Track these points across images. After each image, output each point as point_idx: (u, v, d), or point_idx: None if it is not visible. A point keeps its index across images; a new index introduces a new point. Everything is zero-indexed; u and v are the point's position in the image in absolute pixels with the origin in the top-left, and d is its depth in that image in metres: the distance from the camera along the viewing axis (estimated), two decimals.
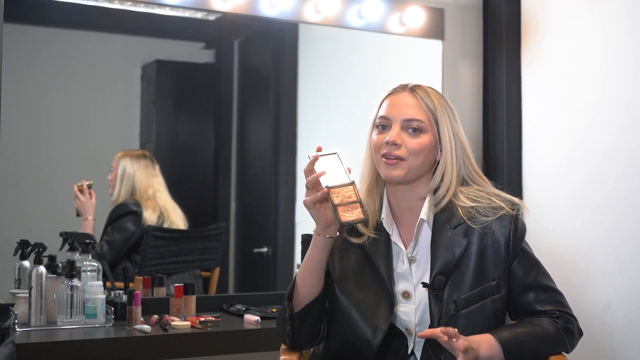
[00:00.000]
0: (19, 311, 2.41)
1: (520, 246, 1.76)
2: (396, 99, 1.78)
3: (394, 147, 1.73)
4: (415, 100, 1.77)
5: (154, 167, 3.05)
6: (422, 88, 1.80)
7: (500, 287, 1.73)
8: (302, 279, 1.75)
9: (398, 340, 1.74)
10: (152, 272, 2.89)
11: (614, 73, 2.86)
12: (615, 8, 2.87)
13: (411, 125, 1.75)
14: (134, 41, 3.28)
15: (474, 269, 1.72)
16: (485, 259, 1.73)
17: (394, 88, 1.82)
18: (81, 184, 2.90)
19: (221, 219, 3.32)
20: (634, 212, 2.76)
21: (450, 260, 1.71)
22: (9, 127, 2.65)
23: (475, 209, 1.75)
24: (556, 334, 1.73)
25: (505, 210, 1.75)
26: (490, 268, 1.73)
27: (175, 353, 2.38)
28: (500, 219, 1.74)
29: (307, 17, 3.04)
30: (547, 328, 1.73)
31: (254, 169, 3.44)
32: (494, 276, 1.73)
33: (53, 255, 2.55)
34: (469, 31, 3.37)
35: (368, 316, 1.73)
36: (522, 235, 1.77)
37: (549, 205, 3.13)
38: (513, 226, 1.74)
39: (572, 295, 2.99)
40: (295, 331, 1.77)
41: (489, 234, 1.73)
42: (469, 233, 1.74)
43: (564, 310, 1.77)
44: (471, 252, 1.72)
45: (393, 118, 1.76)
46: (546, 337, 1.73)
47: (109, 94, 3.18)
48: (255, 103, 3.46)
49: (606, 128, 2.88)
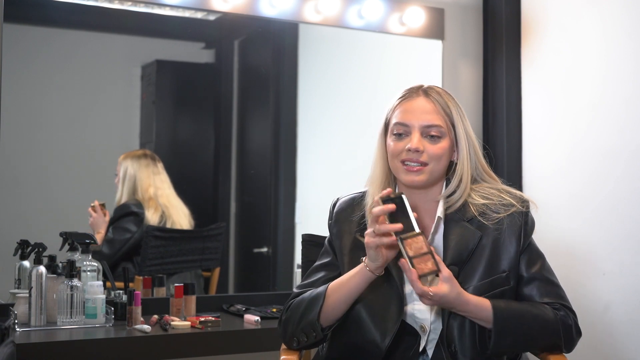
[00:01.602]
0: (19, 311, 2.41)
1: (529, 241, 1.79)
2: (412, 104, 1.77)
3: (417, 154, 1.74)
4: (431, 104, 1.77)
5: (155, 165, 3.05)
6: (434, 90, 1.80)
7: (509, 279, 1.74)
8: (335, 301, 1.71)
9: (410, 338, 1.74)
10: (152, 272, 2.89)
11: (614, 73, 2.86)
12: (615, 8, 2.87)
13: (431, 132, 1.75)
14: (134, 41, 3.28)
15: (487, 260, 1.73)
16: (498, 252, 1.74)
17: (406, 92, 1.81)
18: (94, 204, 2.93)
19: (221, 219, 3.32)
20: (634, 212, 2.76)
21: (463, 251, 1.72)
22: (9, 127, 2.65)
23: (486, 206, 1.77)
24: (553, 321, 1.71)
25: (515, 208, 1.77)
26: (501, 260, 1.74)
27: (175, 353, 2.37)
28: (511, 216, 1.76)
29: (307, 17, 3.04)
30: (545, 312, 1.72)
31: (254, 169, 3.44)
32: (504, 268, 1.74)
33: (53, 255, 2.55)
34: (469, 31, 3.37)
35: (377, 318, 1.72)
36: (532, 230, 1.80)
37: (549, 205, 3.13)
38: (523, 221, 1.77)
39: (572, 295, 2.99)
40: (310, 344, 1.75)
41: (502, 229, 1.75)
42: (482, 227, 1.75)
43: (565, 304, 1.77)
44: (484, 244, 1.74)
45: (412, 125, 1.75)
46: (542, 320, 1.70)
47: (109, 94, 3.17)
48: (255, 103, 3.46)
49: (606, 128, 2.88)
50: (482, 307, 1.67)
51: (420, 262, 1.60)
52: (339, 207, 1.88)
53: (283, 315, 1.81)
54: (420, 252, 1.61)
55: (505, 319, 1.67)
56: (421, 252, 1.61)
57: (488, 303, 1.67)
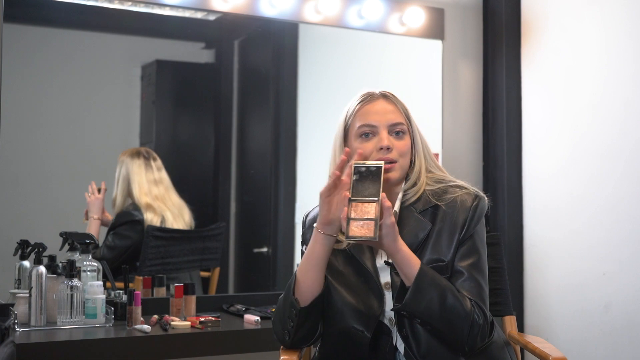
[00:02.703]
0: (19, 311, 2.41)
1: (471, 233, 1.79)
2: (374, 106, 1.83)
3: (387, 152, 1.79)
4: (392, 105, 1.85)
5: (150, 164, 3.02)
6: (390, 93, 1.87)
7: (448, 269, 1.76)
8: (303, 274, 1.77)
9: (385, 336, 1.79)
10: (152, 272, 2.89)
11: (614, 73, 2.86)
12: (615, 8, 2.87)
13: (396, 129, 1.82)
14: (134, 41, 3.28)
15: (432, 247, 1.77)
16: (441, 239, 1.77)
17: (364, 96, 1.86)
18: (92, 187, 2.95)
19: (221, 219, 3.32)
20: (634, 212, 2.76)
21: (412, 243, 1.75)
22: (9, 127, 2.65)
23: (440, 189, 1.83)
24: (467, 311, 1.69)
25: (467, 191, 1.81)
26: (443, 248, 1.77)
27: (175, 353, 2.38)
28: (462, 206, 1.79)
29: (307, 17, 3.05)
30: (464, 301, 1.71)
31: (254, 169, 3.44)
32: (443, 258, 1.76)
33: (53, 255, 2.55)
34: (469, 31, 3.37)
35: (360, 307, 1.77)
36: (478, 221, 1.80)
37: (549, 205, 3.14)
38: (470, 214, 1.79)
39: (572, 295, 3.01)
40: (298, 328, 1.78)
41: (451, 214, 1.78)
42: (434, 217, 1.79)
43: (481, 305, 1.74)
44: (431, 234, 1.78)
45: (379, 124, 1.81)
46: (459, 304, 1.69)
47: (109, 94, 3.17)
48: (255, 103, 3.46)
49: (606, 128, 2.88)
50: (409, 261, 1.69)
51: (357, 225, 1.61)
52: (310, 217, 1.96)
53: (272, 317, 1.88)
54: (365, 216, 1.62)
55: (427, 283, 1.68)
56: (366, 216, 1.62)
57: (418, 262, 1.70)
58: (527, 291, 3.20)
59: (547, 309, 3.11)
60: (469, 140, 3.36)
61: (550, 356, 1.86)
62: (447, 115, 3.30)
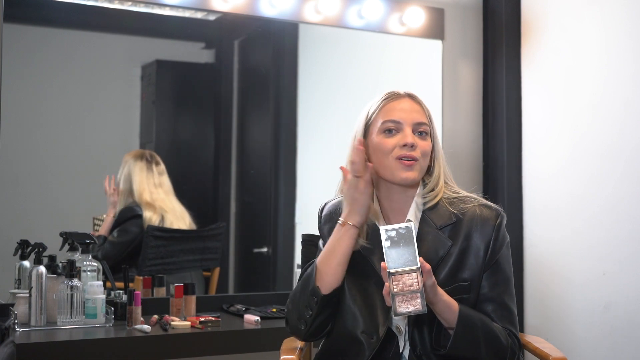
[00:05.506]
0: (19, 311, 2.41)
1: (497, 257, 1.78)
2: (401, 103, 1.81)
3: (411, 149, 1.76)
4: (418, 105, 1.83)
5: (152, 168, 3.04)
6: (415, 95, 1.86)
7: (470, 290, 1.76)
8: (325, 265, 1.76)
9: (390, 342, 1.77)
10: (152, 272, 2.89)
11: (614, 73, 2.86)
12: (615, 8, 2.87)
13: (420, 129, 1.80)
14: (134, 41, 3.28)
15: (451, 267, 1.75)
16: (464, 261, 1.76)
17: (389, 94, 1.84)
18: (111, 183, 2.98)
19: (221, 219, 3.32)
20: (634, 212, 2.76)
21: (432, 259, 1.73)
22: (9, 127, 2.65)
23: (457, 198, 1.81)
24: (505, 346, 1.73)
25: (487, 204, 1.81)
26: (465, 269, 1.76)
27: (175, 353, 2.38)
28: (484, 225, 1.77)
29: (307, 17, 3.05)
30: (501, 335, 1.74)
31: (254, 169, 3.44)
32: (467, 278, 1.75)
33: (53, 255, 2.55)
34: (469, 31, 3.37)
35: (371, 310, 1.75)
36: (502, 245, 1.79)
37: (549, 205, 3.14)
38: (494, 235, 1.77)
39: (572, 295, 3.01)
40: (316, 316, 1.76)
41: (473, 232, 1.77)
42: (454, 235, 1.77)
43: (515, 334, 1.78)
44: (452, 252, 1.76)
45: (404, 121, 1.79)
46: (497, 342, 1.72)
47: (109, 94, 3.17)
48: (255, 103, 3.46)
49: (606, 128, 2.88)
50: (450, 307, 1.68)
51: (403, 300, 1.57)
52: (327, 210, 1.92)
53: (286, 308, 1.85)
54: (409, 289, 1.57)
55: (467, 327, 1.68)
56: (410, 289, 1.57)
57: (456, 306, 1.69)
58: (527, 291, 3.20)
59: (547, 309, 3.11)
60: (469, 140, 3.36)
61: (550, 356, 1.86)
62: (447, 115, 3.30)
